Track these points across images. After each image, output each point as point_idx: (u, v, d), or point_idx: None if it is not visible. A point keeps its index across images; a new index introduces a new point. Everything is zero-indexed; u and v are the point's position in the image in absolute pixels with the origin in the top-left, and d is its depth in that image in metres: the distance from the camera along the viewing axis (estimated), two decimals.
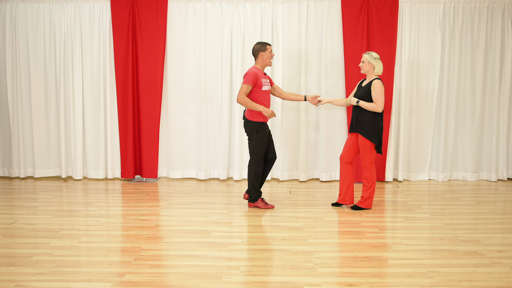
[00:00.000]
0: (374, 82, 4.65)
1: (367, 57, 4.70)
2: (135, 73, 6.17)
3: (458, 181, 6.37)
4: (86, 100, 6.23)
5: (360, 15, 6.06)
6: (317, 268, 3.37)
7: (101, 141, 6.30)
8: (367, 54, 4.72)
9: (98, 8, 6.11)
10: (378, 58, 4.72)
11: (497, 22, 6.19)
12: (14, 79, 6.21)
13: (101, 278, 3.19)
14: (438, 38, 6.18)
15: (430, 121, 6.30)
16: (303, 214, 4.76)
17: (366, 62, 4.71)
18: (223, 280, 3.18)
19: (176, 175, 6.38)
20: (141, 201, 5.26)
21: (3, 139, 6.42)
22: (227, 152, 6.25)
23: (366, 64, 4.71)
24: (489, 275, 3.28)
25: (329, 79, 6.17)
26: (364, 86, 4.74)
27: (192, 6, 6.13)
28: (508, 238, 4.07)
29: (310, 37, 6.14)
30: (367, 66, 4.71)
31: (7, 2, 6.12)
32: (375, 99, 4.62)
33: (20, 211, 4.81)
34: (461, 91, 6.31)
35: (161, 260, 3.52)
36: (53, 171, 6.42)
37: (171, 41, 6.16)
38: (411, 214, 4.78)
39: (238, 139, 6.20)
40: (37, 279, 3.17)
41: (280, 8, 6.08)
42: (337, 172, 6.33)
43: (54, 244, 3.83)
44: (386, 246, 3.84)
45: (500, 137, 6.37)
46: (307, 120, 6.22)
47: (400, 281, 3.17)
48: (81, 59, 6.16)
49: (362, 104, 4.66)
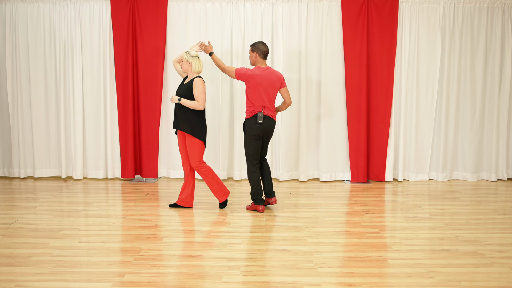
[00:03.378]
0: (195, 80, 4.68)
1: (185, 55, 4.73)
2: (135, 73, 6.17)
3: (458, 181, 6.37)
4: (86, 100, 6.23)
5: (360, 15, 6.06)
6: (317, 268, 3.37)
7: (101, 141, 6.30)
8: (185, 53, 4.73)
9: (98, 8, 6.11)
10: (196, 56, 4.72)
11: (497, 22, 6.19)
12: (14, 79, 6.21)
13: (101, 278, 3.19)
14: (438, 38, 6.19)
15: (430, 121, 6.30)
16: (303, 214, 4.76)
17: (184, 61, 4.74)
18: (223, 280, 3.18)
19: (176, 175, 6.39)
20: (141, 201, 5.26)
21: (3, 139, 6.42)
22: (227, 152, 6.25)
23: (185, 63, 4.74)
24: (489, 275, 3.28)
25: (329, 79, 6.17)
26: (186, 84, 4.75)
27: (192, 6, 6.13)
28: (508, 238, 4.07)
29: (310, 37, 6.14)
30: (186, 64, 4.73)
31: (7, 2, 6.13)
32: (197, 97, 4.64)
33: (20, 211, 4.81)
34: (461, 91, 6.31)
35: (161, 260, 3.52)
36: (53, 171, 6.42)
37: (171, 41, 6.16)
38: (411, 214, 4.78)
39: (239, 139, 6.20)
40: (37, 279, 3.17)
41: (280, 8, 6.08)
42: (337, 172, 6.33)
43: (54, 244, 3.83)
44: (386, 246, 3.84)
45: (500, 137, 6.37)
46: (307, 120, 6.22)
47: (400, 281, 3.17)
48: (81, 59, 6.16)
49: (184, 102, 4.64)
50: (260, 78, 4.67)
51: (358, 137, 6.18)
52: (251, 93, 4.69)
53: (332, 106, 6.21)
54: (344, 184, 6.17)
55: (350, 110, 6.15)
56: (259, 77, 4.67)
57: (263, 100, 4.68)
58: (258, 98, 4.67)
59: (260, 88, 4.66)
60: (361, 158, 6.20)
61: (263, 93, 4.67)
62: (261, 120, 4.65)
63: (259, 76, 4.67)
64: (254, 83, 4.66)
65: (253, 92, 4.68)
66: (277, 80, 4.75)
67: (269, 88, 4.69)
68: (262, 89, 4.67)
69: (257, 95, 4.67)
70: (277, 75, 4.76)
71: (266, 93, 4.68)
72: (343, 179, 6.36)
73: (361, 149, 6.19)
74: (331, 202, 5.25)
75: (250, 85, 4.70)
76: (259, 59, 4.76)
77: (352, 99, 6.13)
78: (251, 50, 4.77)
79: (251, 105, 4.71)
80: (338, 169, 6.34)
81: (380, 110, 6.18)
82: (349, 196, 5.58)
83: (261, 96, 4.67)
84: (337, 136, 6.27)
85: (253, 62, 4.81)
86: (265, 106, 4.69)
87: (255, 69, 4.72)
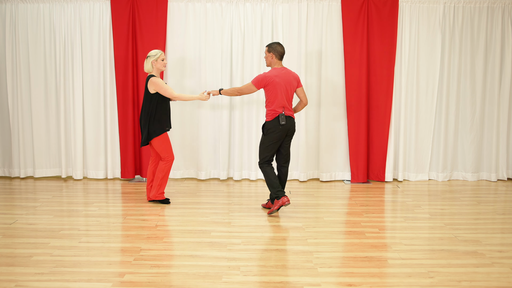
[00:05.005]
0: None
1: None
2: (135, 73, 6.17)
3: (458, 181, 6.37)
4: (86, 100, 6.23)
5: (360, 15, 6.06)
6: (317, 268, 3.37)
7: (101, 141, 6.30)
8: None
9: (98, 8, 6.11)
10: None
11: (497, 22, 6.19)
12: (14, 79, 6.21)
13: (101, 278, 3.19)
14: (438, 38, 6.19)
15: (430, 121, 6.30)
16: (303, 214, 4.76)
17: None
18: (223, 280, 3.18)
19: (176, 175, 6.38)
20: (141, 201, 5.26)
21: (3, 139, 6.42)
22: (227, 152, 6.25)
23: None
24: (489, 275, 3.28)
25: (329, 78, 6.17)
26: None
27: (192, 6, 6.13)
28: (508, 238, 4.07)
29: (310, 37, 6.14)
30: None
31: (7, 2, 6.13)
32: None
33: (20, 211, 4.81)
34: (461, 91, 6.31)
35: (161, 260, 3.52)
36: (53, 171, 6.42)
37: (171, 41, 6.16)
38: (411, 214, 4.78)
39: (238, 139, 6.20)
40: (37, 279, 3.17)
41: (280, 8, 6.08)
42: (337, 172, 6.33)
43: (54, 244, 3.83)
44: (386, 246, 3.84)
45: (500, 137, 6.37)
46: (306, 120, 6.22)
47: (400, 281, 3.17)
48: (81, 59, 6.16)
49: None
50: (278, 78, 4.65)
51: (358, 137, 6.18)
52: (271, 95, 4.67)
53: (332, 106, 6.21)
54: (344, 184, 6.17)
55: (350, 110, 6.15)
56: (277, 78, 4.65)
57: (283, 101, 4.65)
58: (279, 99, 4.64)
59: (280, 89, 4.64)
60: (361, 158, 6.20)
61: (283, 93, 4.65)
62: (283, 121, 4.63)
63: (277, 76, 4.65)
64: (274, 84, 4.64)
65: (273, 94, 4.65)
66: (294, 80, 4.74)
67: (288, 88, 4.68)
68: (281, 90, 4.64)
69: (277, 96, 4.64)
70: (293, 75, 4.75)
71: (285, 93, 4.67)
72: (343, 179, 6.36)
73: (361, 149, 6.19)
74: (331, 202, 5.25)
75: (269, 88, 4.67)
76: (275, 60, 4.72)
77: (352, 99, 6.13)
78: (267, 50, 4.75)
79: (272, 107, 4.67)
80: (338, 169, 6.34)
81: (380, 110, 6.18)
82: (349, 196, 5.58)
83: (282, 96, 4.64)
84: (337, 135, 6.27)
85: (269, 63, 4.78)
86: (285, 107, 4.66)
87: (272, 71, 4.69)
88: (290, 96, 4.74)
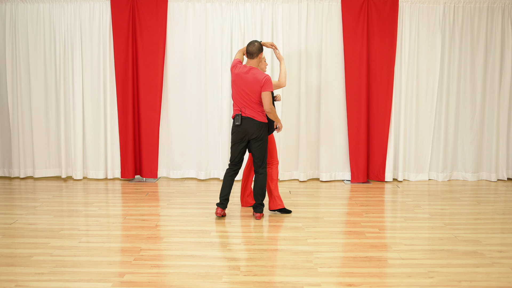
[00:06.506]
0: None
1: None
2: (135, 73, 6.17)
3: (458, 181, 6.37)
4: (86, 100, 6.22)
5: (360, 15, 6.06)
6: (317, 268, 3.37)
7: (101, 141, 6.30)
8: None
9: (98, 8, 6.11)
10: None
11: (497, 22, 6.19)
12: (14, 79, 6.21)
13: (101, 278, 3.19)
14: (438, 38, 6.19)
15: (430, 121, 6.30)
16: (303, 214, 4.76)
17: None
18: (223, 280, 3.18)
19: (176, 175, 6.39)
20: (141, 201, 5.26)
21: (3, 139, 6.42)
22: (227, 152, 6.25)
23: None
24: (489, 275, 3.28)
25: (329, 79, 6.17)
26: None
27: (192, 6, 6.13)
28: (508, 238, 4.07)
29: (310, 37, 6.14)
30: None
31: (7, 2, 6.12)
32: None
33: (20, 211, 4.81)
34: (461, 91, 6.31)
35: (161, 260, 3.52)
36: (53, 171, 6.42)
37: (171, 41, 6.16)
38: (411, 214, 4.78)
39: None
40: (37, 279, 3.17)
41: (280, 8, 6.08)
42: (337, 172, 6.33)
43: (54, 244, 3.83)
44: (386, 246, 3.84)
45: (500, 137, 6.37)
46: (307, 120, 6.22)
47: (400, 281, 3.17)
48: (81, 59, 6.16)
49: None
50: (236, 77, 4.46)
51: (358, 137, 6.18)
52: (232, 93, 4.53)
53: (332, 106, 6.21)
54: (344, 184, 6.17)
55: (350, 110, 6.15)
56: (237, 77, 4.45)
57: (242, 101, 4.43)
58: (237, 98, 4.46)
59: (236, 89, 4.46)
60: (361, 158, 6.20)
61: (241, 93, 4.43)
62: (238, 122, 4.43)
63: (238, 75, 4.45)
64: (233, 83, 4.49)
65: (233, 92, 4.51)
66: (255, 83, 4.37)
67: (246, 90, 4.40)
68: (238, 90, 4.45)
69: (234, 95, 4.49)
70: (257, 78, 4.37)
71: (244, 94, 4.42)
72: (343, 179, 6.36)
73: (361, 149, 6.19)
74: (331, 202, 5.25)
75: (232, 85, 4.53)
76: (248, 59, 4.54)
77: (352, 99, 6.13)
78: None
79: (234, 105, 4.54)
80: (338, 169, 6.34)
81: (380, 110, 6.18)
82: (349, 196, 5.58)
83: (239, 96, 4.43)
84: (337, 135, 6.27)
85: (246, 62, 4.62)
86: (245, 107, 4.42)
87: (241, 67, 4.48)
88: (253, 98, 4.40)
